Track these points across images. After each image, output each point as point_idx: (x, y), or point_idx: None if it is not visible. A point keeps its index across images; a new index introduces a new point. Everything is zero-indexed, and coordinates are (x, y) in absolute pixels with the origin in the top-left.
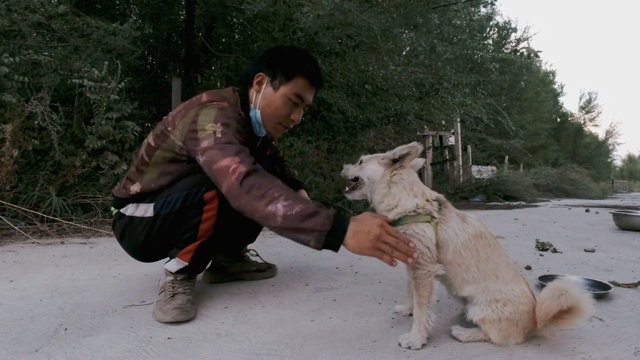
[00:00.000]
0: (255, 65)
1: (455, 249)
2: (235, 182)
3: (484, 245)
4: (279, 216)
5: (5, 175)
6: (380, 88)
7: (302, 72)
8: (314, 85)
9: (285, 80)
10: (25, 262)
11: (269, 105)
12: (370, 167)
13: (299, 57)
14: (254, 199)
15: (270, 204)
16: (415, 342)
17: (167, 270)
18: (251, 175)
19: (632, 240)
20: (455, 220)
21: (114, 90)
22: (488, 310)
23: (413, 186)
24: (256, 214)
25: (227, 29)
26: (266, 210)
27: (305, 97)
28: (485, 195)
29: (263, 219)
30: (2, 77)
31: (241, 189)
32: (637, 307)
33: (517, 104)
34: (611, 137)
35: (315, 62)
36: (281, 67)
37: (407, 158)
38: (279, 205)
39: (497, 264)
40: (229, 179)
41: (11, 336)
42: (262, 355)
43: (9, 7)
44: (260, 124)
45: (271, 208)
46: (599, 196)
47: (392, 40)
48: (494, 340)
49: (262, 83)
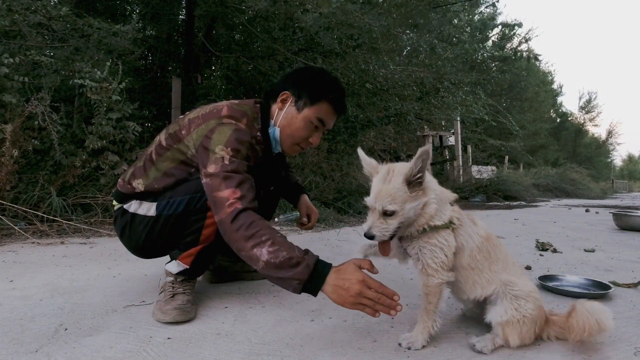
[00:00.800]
0: (282, 82)
1: (471, 253)
2: (228, 217)
3: (493, 246)
4: (262, 261)
5: (5, 175)
6: (380, 88)
7: (328, 98)
8: (337, 112)
9: (310, 103)
10: (25, 262)
11: (290, 125)
12: (411, 207)
13: (327, 82)
14: (242, 238)
15: (256, 247)
16: (416, 343)
17: (168, 271)
18: (244, 212)
19: (632, 240)
20: (469, 224)
21: (115, 91)
22: (511, 310)
23: (443, 192)
24: (242, 252)
25: (227, 29)
26: (251, 252)
27: (327, 122)
28: (485, 195)
29: (247, 259)
30: (2, 77)
31: (232, 226)
32: (637, 307)
33: (518, 104)
34: (611, 137)
35: (342, 90)
36: (308, 89)
37: (424, 167)
38: (264, 250)
39: (506, 262)
40: (224, 211)
41: (11, 336)
42: (262, 355)
43: (9, 8)
44: (277, 141)
45: (256, 251)
46: (599, 196)
47: (393, 40)
48: (512, 343)
49: (287, 102)
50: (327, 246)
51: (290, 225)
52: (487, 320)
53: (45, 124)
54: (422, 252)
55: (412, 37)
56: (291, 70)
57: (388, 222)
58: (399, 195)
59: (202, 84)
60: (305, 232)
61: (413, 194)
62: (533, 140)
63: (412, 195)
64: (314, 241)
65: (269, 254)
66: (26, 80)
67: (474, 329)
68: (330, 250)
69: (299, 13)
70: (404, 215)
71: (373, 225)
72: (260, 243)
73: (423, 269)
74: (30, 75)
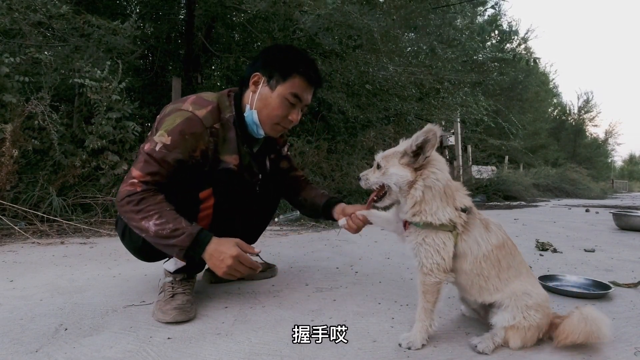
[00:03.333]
0: (251, 65)
1: (475, 260)
2: (124, 192)
3: (505, 254)
4: (151, 231)
5: (5, 175)
6: (380, 88)
7: (299, 71)
8: (312, 84)
9: (281, 80)
10: (25, 262)
11: (266, 105)
12: (395, 173)
13: (296, 56)
14: (131, 211)
15: (144, 219)
16: (416, 343)
17: (166, 270)
18: (138, 194)
19: (632, 240)
20: (479, 230)
21: (115, 90)
22: (520, 317)
23: (447, 189)
24: (132, 222)
25: (227, 29)
26: (140, 224)
27: (303, 96)
28: (485, 195)
29: (137, 229)
30: (3, 77)
31: (122, 200)
32: (637, 307)
33: (518, 104)
34: (611, 137)
35: (313, 61)
36: (277, 67)
37: (428, 146)
38: (151, 223)
39: (519, 270)
40: (124, 186)
41: (11, 336)
42: (262, 355)
43: (10, 7)
44: (257, 124)
45: (144, 223)
46: (599, 196)
47: (393, 41)
48: (513, 345)
49: (258, 83)
50: (327, 246)
51: (291, 225)
52: (492, 322)
53: (45, 123)
54: (418, 249)
55: (412, 39)
56: (259, 52)
57: (375, 174)
58: (391, 158)
59: (202, 84)
60: (305, 232)
61: (403, 163)
62: (533, 140)
63: (401, 164)
64: (314, 241)
65: (156, 226)
66: (26, 79)
67: (474, 329)
68: (330, 250)
69: (298, 14)
70: (385, 175)
71: (365, 172)
72: (148, 216)
73: (419, 267)
74: (30, 75)
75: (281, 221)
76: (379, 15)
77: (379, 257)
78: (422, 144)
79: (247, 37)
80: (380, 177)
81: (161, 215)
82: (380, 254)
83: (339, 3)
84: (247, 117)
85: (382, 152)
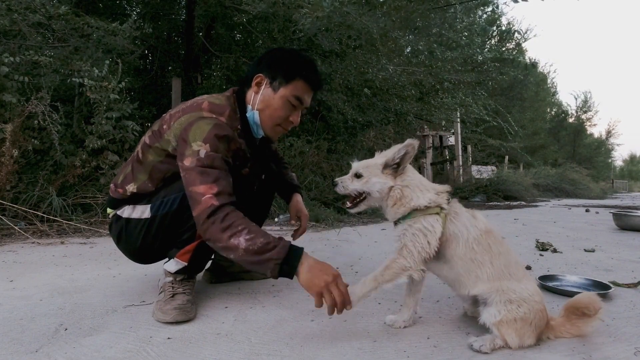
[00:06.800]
0: (255, 66)
1: (467, 243)
2: (204, 213)
3: (494, 241)
4: (241, 249)
5: (5, 175)
6: (380, 89)
7: (302, 75)
8: (314, 88)
9: (285, 82)
10: (25, 262)
11: (268, 106)
12: (378, 181)
13: (300, 60)
14: (218, 230)
15: (233, 237)
16: (354, 296)
17: (167, 270)
18: (220, 209)
19: (632, 240)
20: (467, 215)
21: (114, 90)
22: (504, 312)
23: (421, 184)
24: (218, 244)
25: (227, 29)
26: (229, 242)
27: (304, 99)
28: (485, 195)
29: (224, 249)
30: (2, 77)
31: (207, 221)
32: (637, 307)
33: (518, 103)
34: (611, 137)
35: (315, 66)
36: (281, 69)
37: (406, 158)
38: (241, 239)
39: (509, 260)
40: (200, 207)
41: (11, 336)
42: (262, 355)
43: (9, 7)
44: (258, 125)
45: (233, 241)
46: (599, 196)
47: (392, 42)
48: (511, 343)
49: (261, 84)
50: (327, 246)
51: (291, 225)
52: (481, 322)
53: (45, 123)
54: (404, 234)
55: (411, 40)
56: (262, 54)
57: (353, 182)
58: (373, 168)
59: (202, 84)
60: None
61: (385, 174)
62: (533, 140)
63: (384, 174)
64: (314, 241)
65: (247, 242)
66: (26, 79)
67: (474, 329)
68: (330, 250)
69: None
70: (368, 184)
71: (342, 179)
72: (236, 233)
73: (399, 250)
74: (30, 75)
75: (280, 221)
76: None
77: (379, 257)
78: (403, 156)
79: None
80: (362, 185)
81: (250, 230)
82: (380, 254)
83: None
84: (250, 117)
85: (359, 162)
